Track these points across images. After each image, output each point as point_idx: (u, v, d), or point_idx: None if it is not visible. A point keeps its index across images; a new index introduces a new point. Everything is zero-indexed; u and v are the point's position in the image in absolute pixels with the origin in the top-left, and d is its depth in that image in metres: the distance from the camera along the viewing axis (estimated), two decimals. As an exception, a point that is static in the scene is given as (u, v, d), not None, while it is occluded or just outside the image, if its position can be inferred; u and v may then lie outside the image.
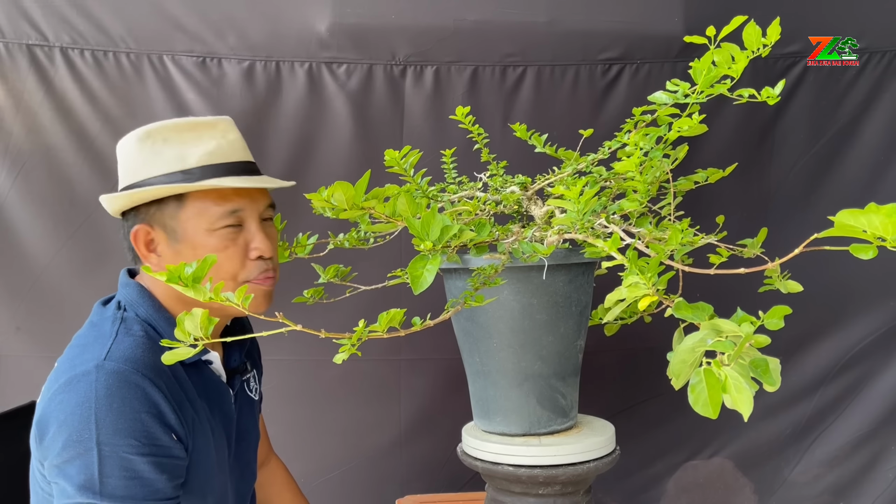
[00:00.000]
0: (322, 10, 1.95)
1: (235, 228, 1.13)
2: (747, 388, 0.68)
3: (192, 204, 1.10)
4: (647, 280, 0.82)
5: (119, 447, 0.97)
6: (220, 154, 1.12)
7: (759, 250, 1.30)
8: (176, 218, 1.10)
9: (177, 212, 1.10)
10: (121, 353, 1.02)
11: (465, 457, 1.40)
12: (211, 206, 1.10)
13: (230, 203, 1.12)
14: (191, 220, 1.10)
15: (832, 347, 2.19)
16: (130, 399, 0.99)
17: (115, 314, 1.10)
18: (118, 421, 0.98)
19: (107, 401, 0.98)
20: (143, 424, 0.99)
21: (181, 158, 1.10)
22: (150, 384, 1.01)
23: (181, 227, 1.10)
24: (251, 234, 1.14)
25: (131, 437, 0.98)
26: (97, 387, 0.98)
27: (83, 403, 0.98)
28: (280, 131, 1.98)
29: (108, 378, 0.99)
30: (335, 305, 1.59)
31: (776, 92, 1.02)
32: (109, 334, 1.06)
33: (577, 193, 1.01)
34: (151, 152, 1.11)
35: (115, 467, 0.97)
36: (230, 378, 1.24)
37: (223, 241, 1.11)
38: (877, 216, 0.70)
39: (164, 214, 1.11)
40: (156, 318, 1.10)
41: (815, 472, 2.22)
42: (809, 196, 2.15)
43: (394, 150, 1.28)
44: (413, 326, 1.01)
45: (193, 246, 1.10)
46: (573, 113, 2.05)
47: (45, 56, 1.89)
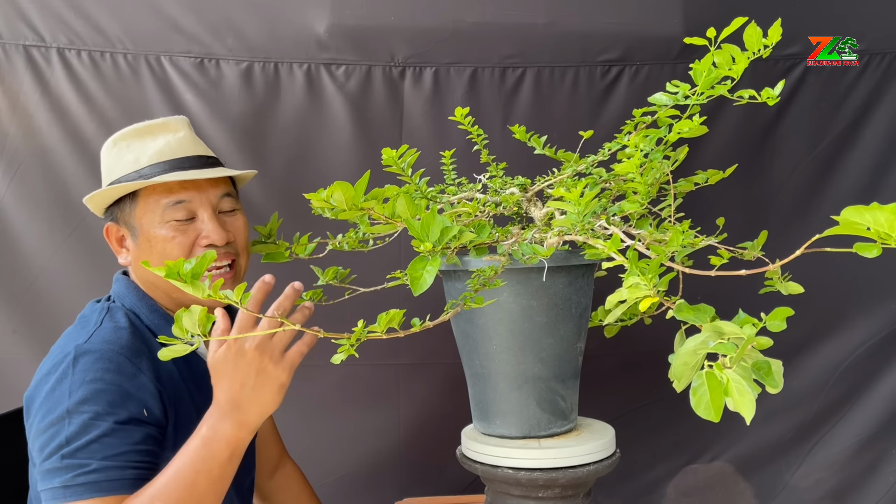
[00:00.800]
0: (321, 11, 1.94)
1: (186, 221, 1.20)
2: (749, 391, 0.68)
3: (143, 200, 1.19)
4: (648, 281, 0.82)
5: (86, 414, 1.03)
6: (168, 151, 1.21)
7: (760, 252, 1.30)
8: (132, 215, 1.20)
9: (132, 209, 1.19)
10: (100, 337, 1.10)
11: (465, 460, 1.39)
12: (159, 200, 1.19)
13: (176, 195, 1.19)
14: (144, 216, 1.19)
15: (834, 351, 2.18)
16: (103, 372, 1.05)
17: (103, 305, 1.19)
18: (88, 391, 1.04)
19: (81, 374, 1.05)
20: (111, 395, 1.05)
21: (136, 160, 1.20)
22: (126, 360, 1.08)
23: (137, 223, 1.19)
24: (202, 224, 1.21)
25: (97, 405, 1.03)
26: (74, 364, 1.06)
27: (60, 381, 1.05)
28: (278, 132, 1.97)
29: (85, 357, 1.06)
30: (334, 308, 1.58)
31: (776, 92, 1.02)
32: (95, 322, 1.14)
33: (577, 195, 1.01)
34: (116, 156, 1.21)
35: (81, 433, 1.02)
36: None
37: (172, 232, 1.18)
38: (882, 213, 0.69)
39: (123, 213, 1.21)
40: (139, 306, 1.19)
41: (817, 476, 2.21)
42: (810, 198, 2.14)
43: (391, 150, 1.28)
44: (412, 328, 1.01)
45: (148, 239, 1.19)
46: (572, 115, 2.04)
47: (42, 57, 1.88)
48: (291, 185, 1.95)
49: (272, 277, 1.06)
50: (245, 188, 1.97)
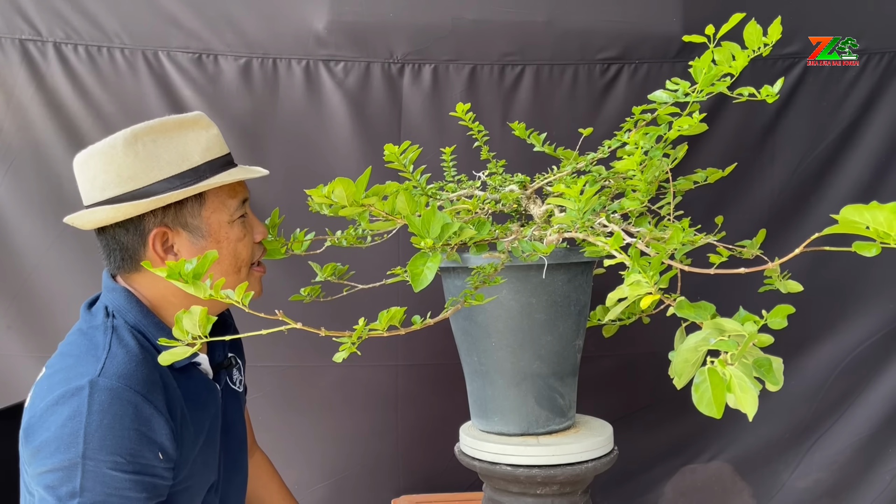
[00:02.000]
0: (320, 7, 1.94)
1: (245, 217, 1.20)
2: (752, 388, 0.68)
3: (212, 200, 1.15)
4: (650, 279, 0.82)
5: (103, 463, 0.99)
6: (214, 149, 1.17)
7: (759, 251, 1.30)
8: (199, 216, 1.14)
9: (199, 209, 1.14)
10: (115, 370, 1.03)
11: (463, 457, 1.40)
12: (227, 199, 1.17)
13: (240, 194, 1.19)
14: (213, 216, 1.15)
15: (832, 350, 2.18)
16: (122, 416, 1.00)
17: (105, 322, 1.11)
18: (106, 437, 0.99)
19: (98, 416, 0.99)
20: (131, 442, 1.00)
21: (184, 157, 1.12)
22: (143, 400, 1.02)
23: (205, 224, 1.14)
24: (252, 220, 1.23)
25: (117, 454, 0.99)
26: (90, 402, 1.00)
27: (74, 417, 0.99)
28: (277, 129, 1.96)
29: (101, 395, 1.00)
30: (331, 305, 1.58)
31: (775, 90, 1.02)
32: (103, 346, 1.07)
33: (577, 192, 1.01)
34: (147, 156, 1.11)
35: (96, 482, 0.98)
36: (216, 374, 1.25)
37: (242, 231, 1.19)
38: (881, 213, 0.70)
39: (185, 214, 1.13)
40: (145, 325, 1.11)
41: (815, 476, 2.21)
42: (810, 197, 2.15)
43: (393, 145, 1.28)
44: (413, 325, 1.00)
45: (218, 240, 1.15)
46: (572, 113, 2.04)
47: (38, 51, 1.87)
48: (289, 182, 1.95)
49: None
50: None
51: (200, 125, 1.17)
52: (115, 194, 1.11)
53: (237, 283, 1.13)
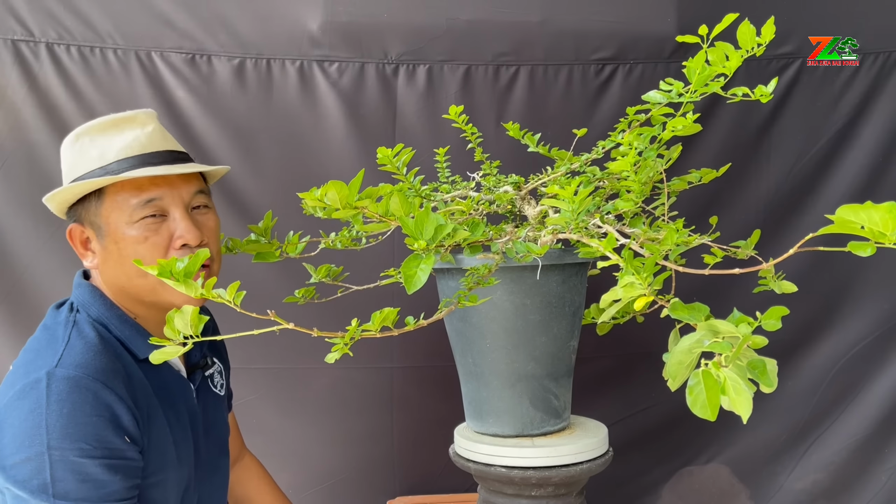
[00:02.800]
0: (314, 8, 1.93)
1: (157, 218, 1.12)
2: (746, 390, 0.67)
3: (111, 198, 1.11)
4: (643, 280, 0.81)
5: (69, 451, 0.99)
6: (136, 146, 1.13)
7: (753, 251, 1.30)
8: (98, 214, 1.12)
9: (98, 208, 1.12)
10: (72, 360, 1.04)
11: (458, 458, 1.39)
12: (128, 198, 1.11)
13: (146, 193, 1.11)
14: (112, 215, 1.11)
15: (828, 351, 2.18)
16: (81, 403, 1.00)
17: (68, 317, 1.12)
18: (68, 426, 0.99)
19: (57, 406, 0.99)
20: (94, 428, 1.00)
21: (102, 155, 1.12)
22: (103, 387, 1.02)
23: (104, 223, 1.12)
24: (175, 223, 1.13)
25: (82, 441, 0.99)
26: (48, 393, 1.00)
27: (34, 410, 0.99)
28: (271, 129, 1.96)
29: (58, 384, 1.01)
30: (327, 306, 1.57)
31: (769, 90, 1.02)
32: (62, 339, 1.07)
33: (571, 193, 1.01)
34: (79, 152, 1.14)
35: (66, 471, 0.98)
36: (191, 373, 1.24)
37: (144, 232, 1.11)
38: (877, 212, 0.70)
39: (88, 212, 1.13)
40: (108, 317, 1.12)
41: (812, 477, 2.21)
42: (806, 197, 2.15)
43: (386, 148, 1.27)
44: (406, 326, 1.00)
45: (116, 240, 1.11)
46: (566, 113, 2.04)
47: (31, 51, 1.85)
48: (284, 183, 1.94)
49: None
50: (236, 185, 1.96)
51: (136, 122, 1.15)
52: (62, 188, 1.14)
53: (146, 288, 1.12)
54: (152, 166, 1.12)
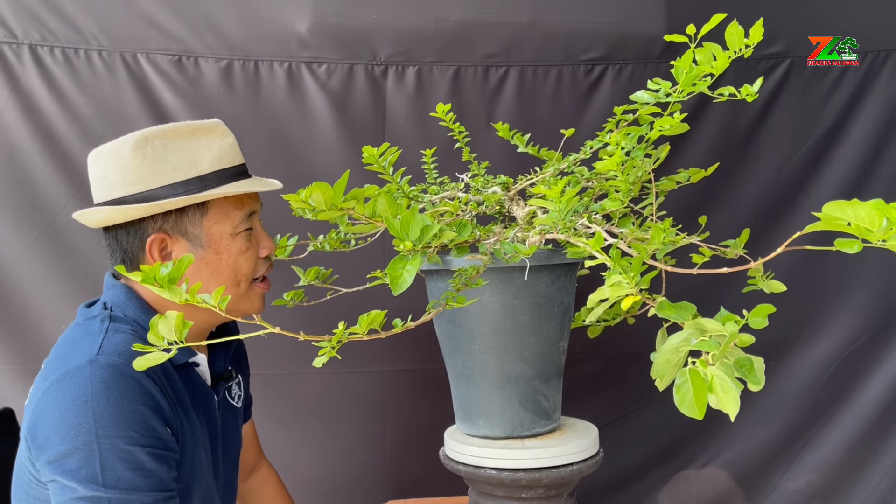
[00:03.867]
0: (302, 9, 1.92)
1: (250, 230, 1.17)
2: (733, 388, 0.67)
3: (216, 210, 1.13)
4: (630, 279, 0.81)
5: (119, 439, 0.98)
6: (226, 158, 1.15)
7: (742, 251, 1.30)
8: (199, 225, 1.12)
9: (200, 219, 1.12)
10: (113, 348, 1.02)
11: (448, 461, 1.38)
12: (232, 211, 1.14)
13: (247, 207, 1.17)
14: (215, 226, 1.13)
15: (822, 351, 2.18)
16: (127, 391, 0.99)
17: (102, 313, 1.10)
18: (117, 413, 0.98)
19: (104, 393, 0.98)
20: (141, 416, 1.00)
21: (192, 164, 1.11)
22: (145, 377, 1.02)
23: (206, 234, 1.13)
24: (259, 235, 1.20)
25: (131, 428, 0.98)
26: (92, 380, 0.98)
27: (79, 398, 0.98)
28: (259, 131, 1.94)
29: (103, 371, 0.99)
30: (317, 309, 1.56)
31: (755, 89, 1.02)
32: (99, 331, 1.06)
33: (558, 193, 1.00)
34: (155, 160, 1.10)
35: (116, 459, 0.97)
36: (215, 384, 1.23)
37: (245, 244, 1.16)
38: (863, 209, 0.69)
39: (185, 222, 1.12)
40: (144, 320, 1.11)
41: (806, 478, 2.21)
42: (796, 196, 2.15)
43: (372, 148, 1.27)
44: (394, 328, 0.99)
45: (218, 251, 1.13)
46: (556, 114, 2.04)
47: (13, 53, 1.83)
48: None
49: None
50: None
51: (216, 133, 1.16)
52: (119, 195, 1.11)
53: (235, 296, 1.15)
54: (243, 179, 1.16)
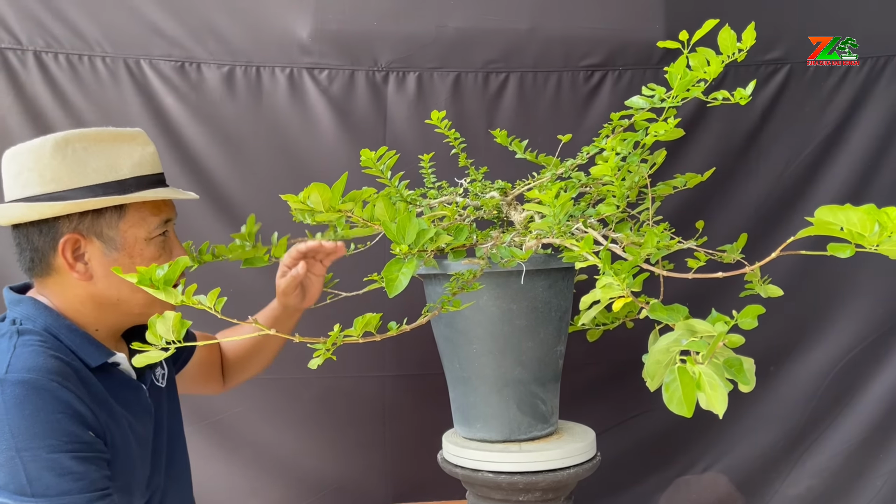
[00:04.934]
0: (303, 15, 1.94)
1: (164, 237, 1.19)
2: (721, 386, 0.68)
3: (132, 214, 1.15)
4: (622, 281, 0.82)
5: (40, 450, 0.99)
6: (146, 166, 1.18)
7: (740, 256, 1.31)
8: (116, 228, 1.14)
9: (117, 221, 1.13)
10: (22, 364, 1.03)
11: (446, 464, 1.39)
12: (148, 216, 1.16)
13: (164, 213, 1.19)
14: (131, 230, 1.14)
15: (823, 356, 2.18)
16: (41, 403, 1.01)
17: (10, 329, 1.11)
18: (34, 426, 0.99)
19: (17, 410, 0.99)
20: (59, 423, 1.01)
21: (112, 169, 1.14)
22: (59, 386, 1.03)
23: (121, 237, 1.14)
24: (172, 243, 1.22)
25: (50, 437, 1.00)
26: (4, 399, 1.00)
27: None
28: (261, 137, 1.96)
29: (14, 388, 1.00)
30: (315, 313, 1.57)
31: (747, 93, 1.03)
32: (6, 349, 1.06)
33: (553, 197, 1.01)
34: (75, 161, 1.12)
35: (41, 469, 0.98)
36: (141, 375, 1.25)
37: (158, 250, 1.18)
38: (855, 214, 0.70)
39: (101, 224, 1.13)
40: (56, 327, 1.12)
41: (807, 483, 2.19)
42: (797, 202, 2.14)
43: (370, 151, 1.28)
44: (389, 331, 1.00)
45: (131, 255, 1.15)
46: (556, 119, 2.04)
47: (18, 60, 1.85)
48: (273, 190, 1.92)
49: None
50: (226, 192, 1.96)
51: (137, 141, 1.19)
52: (34, 193, 1.12)
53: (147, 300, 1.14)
54: (161, 187, 1.19)
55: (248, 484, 2.03)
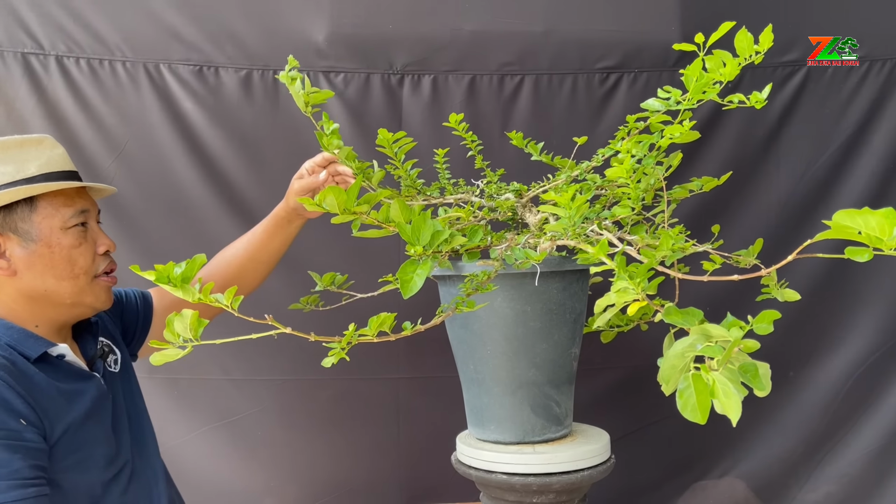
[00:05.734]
0: (319, 19, 1.95)
1: (83, 227, 1.23)
2: (735, 393, 0.67)
3: (44, 206, 1.20)
4: (636, 285, 0.81)
5: None
6: (54, 164, 1.24)
7: (756, 260, 1.30)
8: (29, 220, 1.19)
9: (29, 214, 1.19)
10: None
11: (460, 465, 1.39)
12: (61, 207, 1.21)
13: (77, 204, 1.23)
14: (45, 221, 1.20)
15: (843, 361, 2.15)
16: None
17: None
18: None
19: None
20: None
21: (20, 170, 1.20)
22: None
23: (35, 228, 1.19)
24: (96, 233, 1.27)
25: None
26: None
27: None
28: (277, 140, 1.97)
29: None
30: (331, 314, 1.58)
31: (763, 96, 1.02)
32: None
33: (568, 199, 1.01)
34: None
35: None
36: (92, 364, 1.28)
37: (77, 239, 1.22)
38: (873, 217, 0.70)
39: (14, 218, 1.18)
40: None
41: (826, 489, 2.17)
42: (818, 205, 2.12)
43: (388, 132, 1.30)
44: (403, 331, 1.01)
45: (49, 244, 1.20)
46: (571, 122, 2.04)
47: (40, 64, 1.88)
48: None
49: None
50: (243, 195, 1.98)
51: (44, 145, 1.25)
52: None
53: (75, 289, 1.21)
54: (74, 181, 1.24)
55: (263, 484, 2.05)
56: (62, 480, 1.12)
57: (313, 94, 1.23)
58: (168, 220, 1.96)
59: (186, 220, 1.96)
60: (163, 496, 1.32)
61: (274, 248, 1.50)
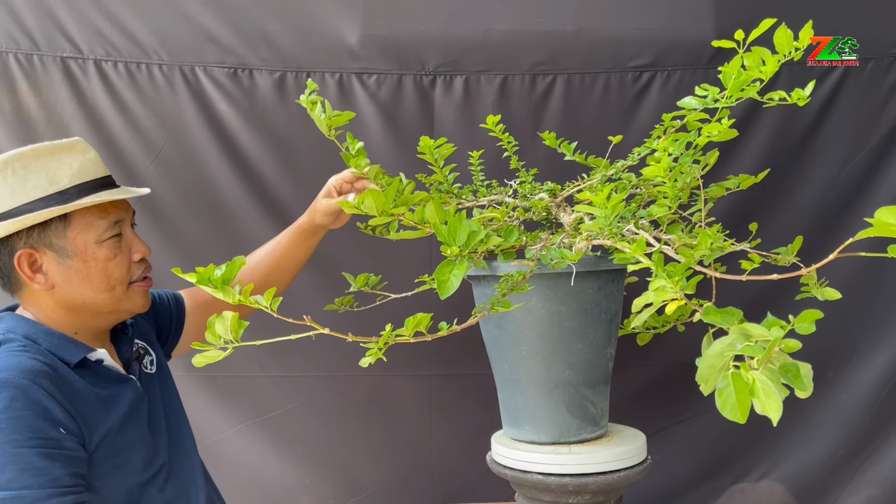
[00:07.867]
0: (352, 21, 1.96)
1: (118, 238, 1.23)
2: (776, 393, 0.67)
3: (78, 220, 1.19)
4: (675, 284, 0.81)
5: (5, 444, 1.02)
6: (87, 172, 1.21)
7: (795, 258, 1.28)
8: (63, 236, 1.18)
9: (63, 230, 1.18)
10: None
11: (495, 465, 1.40)
12: (95, 220, 1.20)
13: (112, 215, 1.22)
14: (79, 236, 1.19)
15: (885, 362, 2.11)
16: (10, 400, 1.04)
17: None
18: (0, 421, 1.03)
19: None
20: (26, 420, 1.04)
21: (52, 181, 1.18)
22: (30, 384, 1.07)
23: (71, 244, 1.19)
24: (130, 240, 1.26)
25: (14, 432, 1.03)
26: None
27: None
28: (311, 141, 1.99)
29: None
30: (365, 315, 1.59)
31: (806, 93, 1.01)
32: None
33: (604, 198, 1.01)
34: (16, 180, 1.17)
35: (4, 463, 1.02)
36: (129, 367, 1.29)
37: (112, 251, 1.21)
38: (918, 213, 0.68)
39: (49, 235, 1.18)
40: (33, 332, 1.18)
41: (867, 493, 2.13)
42: (854, 203, 2.09)
43: (429, 138, 1.31)
44: (440, 331, 1.01)
45: (84, 259, 1.19)
46: (604, 121, 2.03)
47: (79, 68, 1.93)
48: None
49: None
50: (278, 196, 2.00)
51: (76, 150, 1.22)
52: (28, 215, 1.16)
53: (112, 300, 1.22)
54: (106, 190, 1.22)
55: (299, 480, 2.07)
56: (100, 486, 1.14)
57: (335, 118, 1.22)
58: (204, 222, 1.99)
59: (222, 221, 1.99)
60: (201, 493, 1.34)
61: (299, 258, 1.54)
